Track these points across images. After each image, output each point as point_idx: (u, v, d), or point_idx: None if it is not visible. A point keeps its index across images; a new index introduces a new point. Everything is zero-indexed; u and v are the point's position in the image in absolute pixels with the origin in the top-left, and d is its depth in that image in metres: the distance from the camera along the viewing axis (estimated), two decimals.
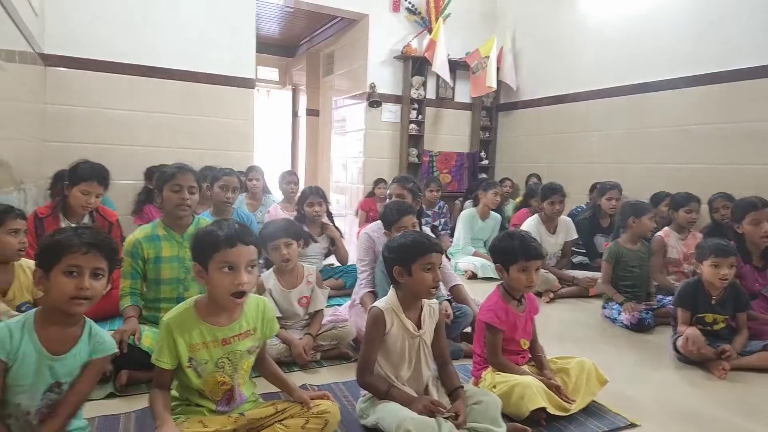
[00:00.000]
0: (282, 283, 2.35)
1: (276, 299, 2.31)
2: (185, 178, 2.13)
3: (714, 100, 4.15)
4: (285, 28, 7.32)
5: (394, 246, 1.72)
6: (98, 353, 1.35)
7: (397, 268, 1.67)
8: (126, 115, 4.63)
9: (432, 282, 1.64)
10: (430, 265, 1.64)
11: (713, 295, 2.44)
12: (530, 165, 5.92)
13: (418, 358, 1.71)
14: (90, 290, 1.27)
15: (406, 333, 1.69)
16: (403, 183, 2.84)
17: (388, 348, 1.67)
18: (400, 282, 1.69)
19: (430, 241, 1.70)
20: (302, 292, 2.37)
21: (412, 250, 1.65)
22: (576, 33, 5.38)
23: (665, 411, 1.97)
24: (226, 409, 1.48)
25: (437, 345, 1.77)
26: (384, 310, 1.67)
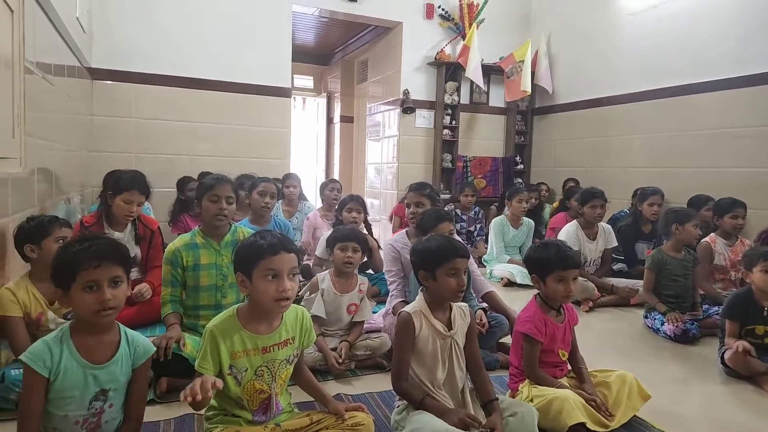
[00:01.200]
0: (336, 286, 2.40)
1: (326, 301, 2.37)
2: (223, 188, 2.19)
3: (761, 102, 3.95)
4: (320, 37, 7.43)
5: (419, 250, 1.74)
6: (141, 358, 1.40)
7: (422, 273, 1.69)
8: (167, 125, 4.80)
9: (456, 286, 1.64)
10: (454, 270, 1.65)
11: (765, 306, 2.33)
12: (566, 169, 5.80)
13: (451, 359, 1.71)
14: (113, 300, 1.29)
15: (436, 334, 1.69)
16: (420, 190, 2.79)
17: (421, 351, 1.67)
18: (426, 286, 1.71)
19: (455, 246, 1.69)
20: (353, 299, 2.41)
21: (437, 255, 1.66)
22: (613, 34, 5.24)
23: (712, 427, 1.89)
24: (263, 418, 1.50)
25: (469, 349, 1.76)
26: (412, 313, 1.68)
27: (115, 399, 1.36)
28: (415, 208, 2.70)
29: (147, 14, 4.61)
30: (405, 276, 2.62)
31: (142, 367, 1.40)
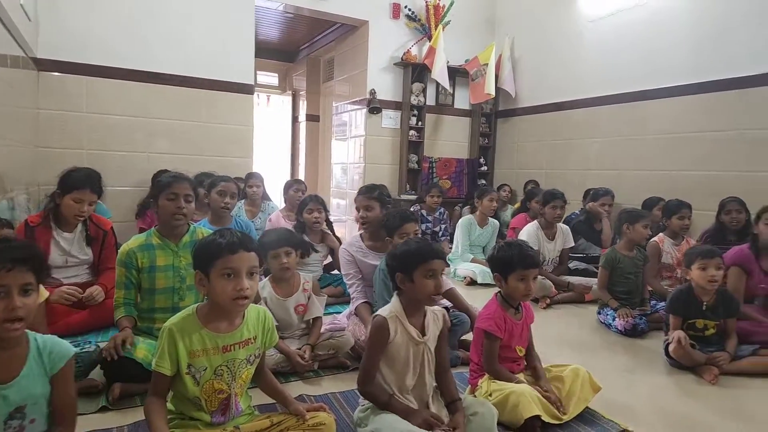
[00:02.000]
0: (278, 291, 2.37)
1: (272, 308, 2.31)
2: (181, 186, 2.13)
3: (712, 109, 4.17)
4: (285, 33, 7.35)
5: (397, 254, 1.73)
6: (58, 363, 1.30)
7: (400, 275, 1.69)
8: (123, 120, 4.61)
9: (433, 289, 1.64)
10: (431, 272, 1.65)
11: (704, 301, 2.47)
12: (528, 171, 5.95)
13: (422, 365, 1.71)
14: (23, 309, 1.18)
15: (410, 340, 1.68)
16: (368, 194, 2.70)
17: (393, 356, 1.67)
18: (402, 289, 1.70)
19: (432, 248, 1.70)
20: (298, 300, 2.38)
21: (415, 257, 1.66)
22: (574, 40, 5.41)
23: (657, 416, 1.98)
24: (222, 420, 1.48)
25: (439, 352, 1.77)
26: (388, 318, 1.67)
27: (35, 413, 1.27)
28: (365, 211, 2.67)
29: (99, 3, 4.40)
30: (363, 278, 2.63)
31: (62, 372, 1.30)
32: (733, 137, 4.03)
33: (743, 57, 3.94)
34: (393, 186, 6.01)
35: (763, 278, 2.67)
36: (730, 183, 3.97)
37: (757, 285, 2.66)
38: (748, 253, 2.68)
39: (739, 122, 3.98)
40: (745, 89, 3.93)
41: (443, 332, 1.78)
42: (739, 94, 3.97)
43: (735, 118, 4.01)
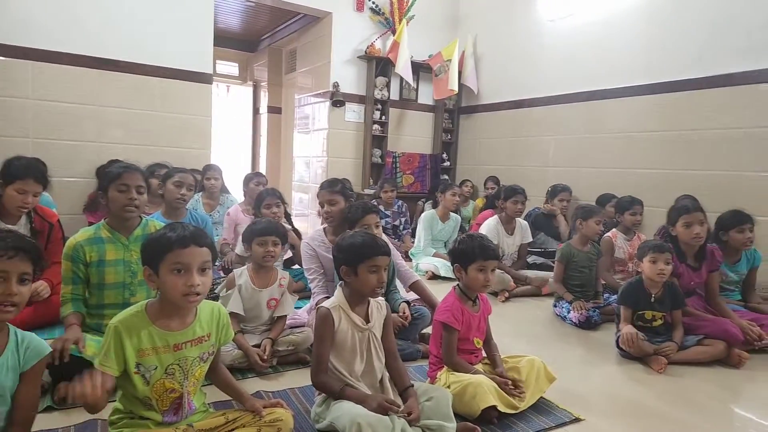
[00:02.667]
0: (255, 281, 2.33)
1: (244, 297, 2.30)
2: (132, 177, 2.05)
3: (660, 109, 4.34)
4: (245, 22, 7.18)
5: (343, 246, 1.76)
6: (31, 360, 1.31)
7: (344, 268, 1.72)
8: (71, 108, 4.39)
9: (376, 283, 1.69)
10: (375, 268, 1.69)
11: (652, 293, 2.57)
12: (490, 167, 6.04)
13: (369, 351, 1.75)
14: (18, 296, 1.24)
15: (355, 328, 1.73)
16: (331, 188, 2.69)
17: (340, 344, 1.71)
18: (346, 281, 1.74)
19: (378, 243, 1.74)
20: (273, 294, 2.36)
21: (360, 251, 1.70)
22: (535, 39, 5.51)
23: (608, 405, 2.06)
24: (174, 419, 1.43)
25: (386, 340, 1.81)
26: (331, 308, 1.71)
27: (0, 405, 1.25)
28: (329, 206, 2.66)
29: None
30: (325, 273, 2.61)
31: (32, 370, 1.31)
32: (679, 137, 4.21)
33: (690, 60, 4.12)
34: (356, 180, 5.99)
35: (691, 274, 2.79)
36: (678, 181, 4.14)
37: (688, 282, 2.78)
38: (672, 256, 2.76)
39: (685, 123, 4.17)
40: (690, 91, 4.11)
41: (388, 320, 1.82)
42: (686, 95, 4.15)
43: (682, 119, 4.19)
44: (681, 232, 2.75)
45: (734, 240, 2.86)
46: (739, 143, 3.82)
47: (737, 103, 3.83)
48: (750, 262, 3.02)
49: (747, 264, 3.01)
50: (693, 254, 2.80)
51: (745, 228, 2.84)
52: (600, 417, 1.92)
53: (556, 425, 1.84)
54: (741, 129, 3.81)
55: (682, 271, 2.77)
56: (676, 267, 2.73)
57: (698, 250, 2.79)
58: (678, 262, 2.75)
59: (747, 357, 2.48)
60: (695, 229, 2.70)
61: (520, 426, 1.81)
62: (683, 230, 2.74)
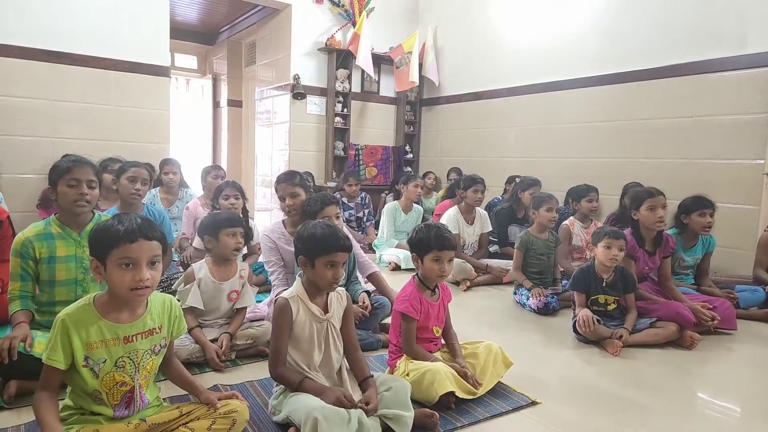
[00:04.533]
0: (215, 274, 2.30)
1: (204, 290, 2.26)
2: (83, 171, 1.98)
3: (613, 100, 4.50)
4: (204, 14, 7.01)
5: (303, 236, 1.74)
6: None
7: (302, 258, 1.71)
8: (22, 102, 4.24)
9: (332, 278, 1.68)
10: (332, 263, 1.68)
11: (604, 278, 2.66)
12: (452, 159, 6.11)
13: (327, 342, 1.74)
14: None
15: (313, 318, 1.71)
16: (290, 181, 2.70)
17: (297, 335, 1.70)
18: (302, 270, 1.73)
19: (338, 238, 1.71)
20: (233, 286, 2.33)
21: (318, 245, 1.68)
22: (493, 32, 5.60)
23: (564, 388, 2.12)
24: (126, 413, 1.40)
25: (345, 331, 1.80)
26: (289, 299, 1.70)
27: None
28: (291, 199, 2.65)
29: None
30: (285, 265, 2.60)
31: None
32: (632, 127, 4.37)
33: (640, 52, 4.28)
34: (319, 173, 5.97)
35: (647, 259, 2.90)
36: (631, 169, 4.31)
37: (644, 266, 2.90)
38: (631, 239, 2.84)
39: (637, 113, 4.33)
40: (641, 82, 4.28)
41: (348, 311, 1.82)
42: (637, 86, 4.32)
43: (634, 109, 4.36)
44: (645, 215, 2.83)
45: (695, 223, 2.98)
46: (689, 131, 4.00)
47: (686, 93, 4.01)
48: (705, 247, 3.16)
49: (702, 249, 3.16)
50: (651, 240, 2.90)
51: (706, 212, 2.96)
52: (556, 400, 1.97)
53: (513, 409, 1.87)
54: (690, 118, 3.99)
55: (639, 255, 2.87)
56: (635, 251, 2.83)
57: (656, 236, 2.89)
58: (637, 246, 2.85)
59: (698, 338, 2.57)
60: (659, 212, 2.79)
61: (477, 411, 1.83)
62: (647, 213, 2.82)
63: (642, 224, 2.88)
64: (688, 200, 3.04)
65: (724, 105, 3.80)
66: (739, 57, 3.70)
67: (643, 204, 2.83)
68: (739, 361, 2.48)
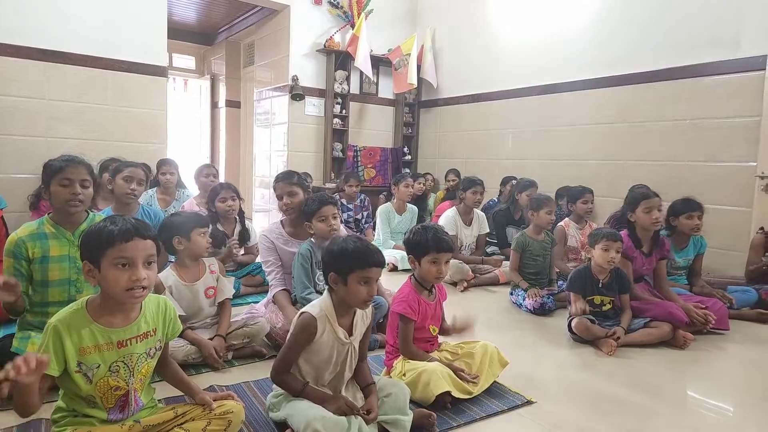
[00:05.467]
0: (184, 278, 2.27)
1: (179, 297, 2.22)
2: (76, 171, 1.97)
3: (610, 102, 4.52)
4: (202, 14, 7.01)
5: (334, 250, 1.63)
6: None
7: (333, 275, 1.61)
8: (17, 102, 4.22)
9: (366, 296, 1.59)
10: (367, 279, 1.58)
11: (600, 279, 2.67)
12: (450, 160, 6.12)
13: (344, 363, 1.69)
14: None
15: (336, 341, 1.64)
16: (288, 180, 2.68)
17: (315, 352, 1.63)
18: (333, 288, 1.64)
19: (372, 253, 1.61)
20: (208, 283, 2.31)
21: (352, 261, 1.58)
22: (491, 35, 5.61)
23: (559, 387, 2.12)
24: (120, 416, 1.39)
25: (361, 344, 1.75)
26: (317, 317, 1.61)
27: None
28: (288, 198, 2.64)
29: None
30: (283, 265, 2.59)
31: None
32: (628, 129, 4.38)
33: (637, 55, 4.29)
34: (317, 174, 5.97)
35: (644, 261, 2.91)
36: (627, 172, 4.32)
37: (640, 267, 2.90)
38: (627, 240, 2.86)
39: (634, 115, 4.34)
40: (638, 84, 4.29)
41: (368, 328, 1.77)
42: (633, 89, 4.33)
43: (630, 112, 4.37)
44: (641, 217, 2.83)
45: (683, 225, 3.00)
46: (685, 134, 4.01)
47: (683, 95, 4.02)
48: (697, 248, 3.17)
49: (694, 250, 3.17)
50: (647, 241, 2.91)
51: (694, 215, 2.98)
52: (551, 399, 1.97)
53: (509, 408, 1.87)
54: (687, 121, 4.00)
55: (636, 256, 2.87)
56: (632, 252, 2.83)
57: (652, 237, 2.90)
58: (634, 248, 2.85)
59: (692, 338, 2.59)
60: (654, 214, 2.80)
61: (473, 410, 1.84)
62: (644, 215, 2.82)
63: (638, 226, 2.89)
64: (677, 203, 3.06)
65: (717, 108, 3.82)
66: (733, 61, 3.72)
67: (639, 206, 2.84)
68: (731, 361, 2.49)
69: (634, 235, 2.89)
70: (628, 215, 2.91)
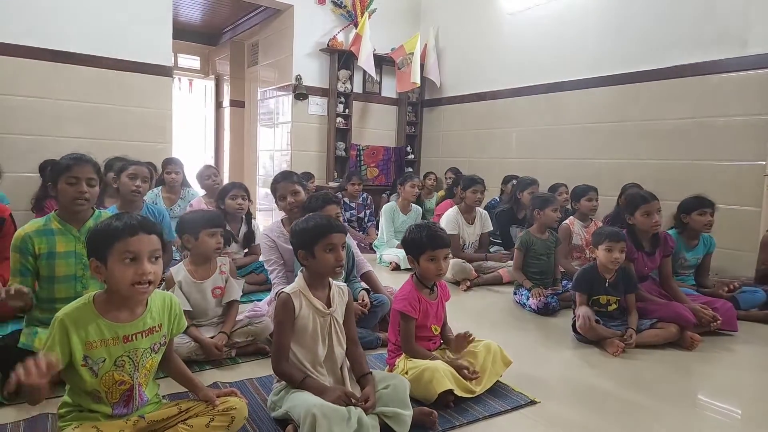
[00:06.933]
0: (194, 275, 2.29)
1: (187, 292, 2.25)
2: (83, 169, 1.99)
3: (615, 101, 4.50)
4: (206, 15, 7.04)
5: (297, 230, 1.75)
6: None
7: (301, 252, 1.72)
8: (26, 101, 4.28)
9: (335, 261, 1.69)
10: (331, 246, 1.69)
11: (606, 278, 2.65)
12: (453, 159, 6.11)
13: (330, 337, 1.74)
14: None
15: (316, 312, 1.71)
16: (290, 179, 2.75)
17: (301, 330, 1.69)
18: (305, 265, 1.73)
19: (331, 222, 1.74)
20: (216, 283, 2.32)
21: (313, 232, 1.70)
22: (495, 33, 5.60)
23: (563, 387, 2.11)
24: (124, 411, 1.41)
25: (346, 326, 1.80)
26: (291, 293, 1.70)
27: None
28: (292, 196, 2.67)
29: None
30: (285, 263, 2.60)
31: None
32: (633, 128, 4.36)
33: (642, 53, 4.27)
34: (321, 173, 5.98)
35: (646, 260, 2.89)
36: (632, 170, 4.30)
37: (643, 266, 2.88)
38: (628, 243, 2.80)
39: (639, 114, 4.32)
40: (643, 83, 4.27)
41: (349, 306, 1.82)
42: (638, 87, 4.31)
43: (635, 110, 4.35)
44: (641, 221, 2.81)
45: (696, 222, 2.97)
46: (691, 133, 3.99)
47: (688, 94, 4.00)
48: (706, 247, 3.15)
49: (704, 249, 3.15)
50: (648, 240, 2.89)
51: (706, 212, 2.96)
52: (555, 400, 1.96)
53: (512, 408, 1.86)
54: (692, 119, 3.98)
55: (638, 257, 2.85)
56: (633, 253, 2.81)
57: (652, 236, 2.88)
58: (634, 249, 2.83)
59: (699, 339, 2.55)
60: (654, 217, 2.78)
61: (476, 409, 1.83)
62: (643, 219, 2.80)
63: (637, 228, 2.86)
64: (688, 200, 3.03)
65: (725, 106, 3.79)
66: (741, 58, 3.70)
67: (638, 209, 2.81)
68: (739, 363, 2.47)
69: (633, 237, 2.85)
70: (627, 218, 2.88)
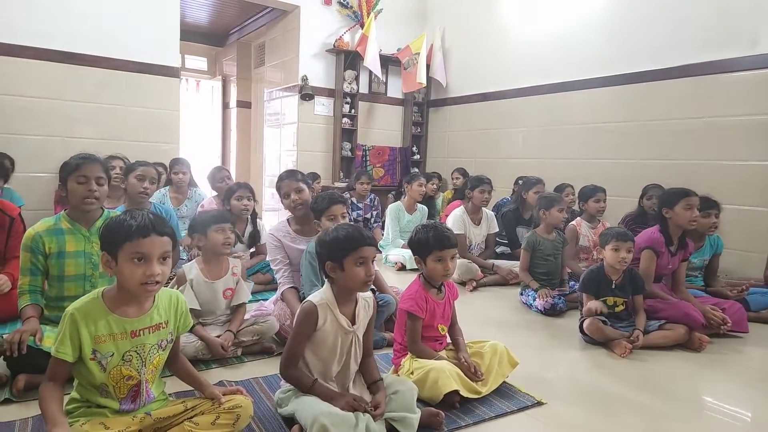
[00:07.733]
0: (207, 273, 2.30)
1: (198, 291, 2.26)
2: (92, 168, 2.01)
3: (622, 101, 4.47)
4: (213, 16, 7.08)
5: (326, 241, 1.67)
6: None
7: (330, 264, 1.64)
8: (37, 102, 4.32)
9: (365, 276, 1.62)
10: (362, 259, 1.62)
11: (613, 280, 2.63)
12: (459, 160, 6.10)
13: (348, 353, 1.70)
14: None
15: (339, 329, 1.66)
16: (293, 177, 2.72)
17: (319, 343, 1.65)
18: (332, 277, 1.66)
19: (363, 234, 1.66)
20: (227, 284, 2.33)
21: (344, 245, 1.62)
22: (501, 33, 5.59)
23: (570, 389, 2.10)
24: (131, 407, 1.42)
25: (365, 337, 1.76)
26: (318, 305, 1.64)
27: None
28: (296, 194, 2.66)
29: None
30: (290, 263, 2.61)
31: None
32: (641, 128, 4.34)
33: (649, 53, 4.25)
34: (326, 174, 5.99)
35: (670, 259, 2.85)
36: (640, 171, 4.27)
37: (665, 266, 2.84)
38: (659, 236, 2.79)
39: (646, 114, 4.30)
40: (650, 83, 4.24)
41: (372, 318, 1.78)
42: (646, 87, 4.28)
43: (642, 110, 4.32)
44: (681, 214, 2.74)
45: (700, 224, 2.92)
46: (699, 133, 3.96)
47: (697, 93, 3.96)
48: (713, 248, 3.12)
49: (710, 250, 3.12)
50: (677, 239, 2.84)
51: (711, 213, 2.93)
52: (562, 401, 1.94)
53: (519, 409, 1.85)
54: (701, 119, 3.95)
55: (662, 250, 2.79)
56: (661, 247, 2.76)
57: (680, 237, 2.83)
58: (664, 244, 2.78)
59: (708, 341, 2.52)
60: (694, 212, 2.74)
61: (482, 410, 1.82)
62: (684, 212, 2.73)
63: (673, 223, 2.79)
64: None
65: (735, 106, 3.76)
66: (750, 57, 3.66)
67: (680, 202, 2.73)
68: (749, 365, 2.44)
69: (666, 232, 2.80)
70: (664, 211, 2.80)
